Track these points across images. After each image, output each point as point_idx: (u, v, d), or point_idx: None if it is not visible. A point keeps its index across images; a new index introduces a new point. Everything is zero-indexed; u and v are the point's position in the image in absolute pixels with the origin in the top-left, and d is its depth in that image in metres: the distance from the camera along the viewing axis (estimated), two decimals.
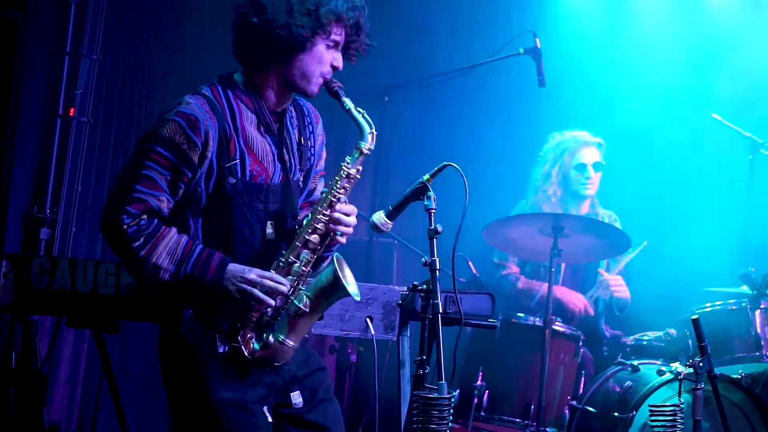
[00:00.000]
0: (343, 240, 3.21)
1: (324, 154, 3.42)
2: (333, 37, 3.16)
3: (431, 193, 3.24)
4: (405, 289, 3.79)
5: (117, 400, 4.25)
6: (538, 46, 5.62)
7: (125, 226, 3.01)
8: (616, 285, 5.66)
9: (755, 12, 6.62)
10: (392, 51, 6.44)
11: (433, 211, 3.22)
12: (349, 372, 5.57)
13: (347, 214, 3.19)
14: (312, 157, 3.34)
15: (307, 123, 3.35)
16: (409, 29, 6.60)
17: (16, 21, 4.94)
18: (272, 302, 3.09)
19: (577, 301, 5.58)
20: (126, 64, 5.66)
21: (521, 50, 5.65)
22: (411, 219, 3.74)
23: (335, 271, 3.14)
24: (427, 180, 3.26)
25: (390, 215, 3.30)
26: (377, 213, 3.31)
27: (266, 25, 3.10)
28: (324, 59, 3.17)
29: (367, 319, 4.09)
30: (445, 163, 3.29)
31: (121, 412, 4.26)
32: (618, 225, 5.79)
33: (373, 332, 4.06)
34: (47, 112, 5.36)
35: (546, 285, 5.52)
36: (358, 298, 3.22)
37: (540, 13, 6.64)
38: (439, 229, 3.19)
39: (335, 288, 3.16)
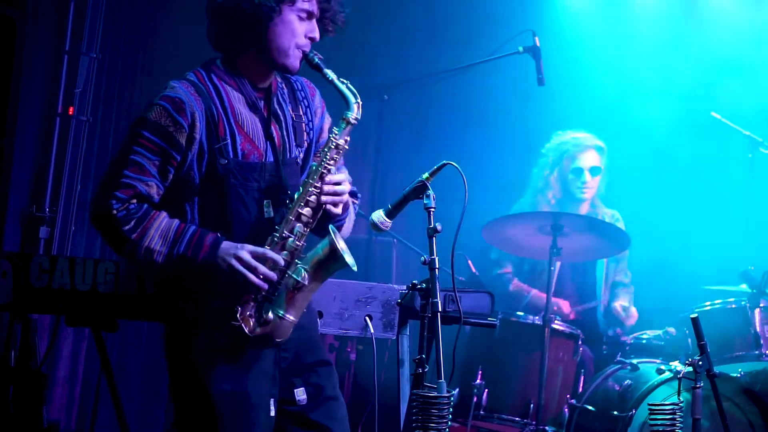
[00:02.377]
0: (337, 210, 3.19)
1: (326, 126, 3.37)
2: (301, 5, 3.14)
3: (430, 192, 3.23)
4: (404, 287, 3.78)
5: (116, 399, 4.24)
6: (538, 44, 5.61)
7: (114, 211, 3.00)
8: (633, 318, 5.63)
9: (755, 11, 6.61)
10: (391, 49, 6.44)
11: (433, 209, 3.21)
12: (348, 371, 5.56)
13: (338, 183, 3.17)
14: (311, 132, 3.32)
15: (300, 98, 3.32)
16: (409, 27, 6.59)
17: (15, 20, 4.94)
18: (265, 286, 3.06)
19: (556, 309, 5.53)
20: (125, 62, 5.65)
21: (520, 49, 5.64)
22: (410, 218, 3.73)
23: (332, 242, 3.14)
24: (427, 178, 3.25)
25: (389, 214, 3.30)
26: (376, 212, 3.31)
27: (231, 1, 3.09)
28: (297, 30, 3.14)
29: (367, 318, 4.08)
30: (444, 161, 3.28)
31: (121, 410, 4.25)
32: (621, 224, 5.77)
33: (372, 331, 4.06)
34: (46, 110, 5.36)
35: (534, 291, 5.63)
36: (355, 268, 3.20)
37: (539, 12, 6.63)
38: (439, 227, 3.18)
39: (332, 259, 3.15)
